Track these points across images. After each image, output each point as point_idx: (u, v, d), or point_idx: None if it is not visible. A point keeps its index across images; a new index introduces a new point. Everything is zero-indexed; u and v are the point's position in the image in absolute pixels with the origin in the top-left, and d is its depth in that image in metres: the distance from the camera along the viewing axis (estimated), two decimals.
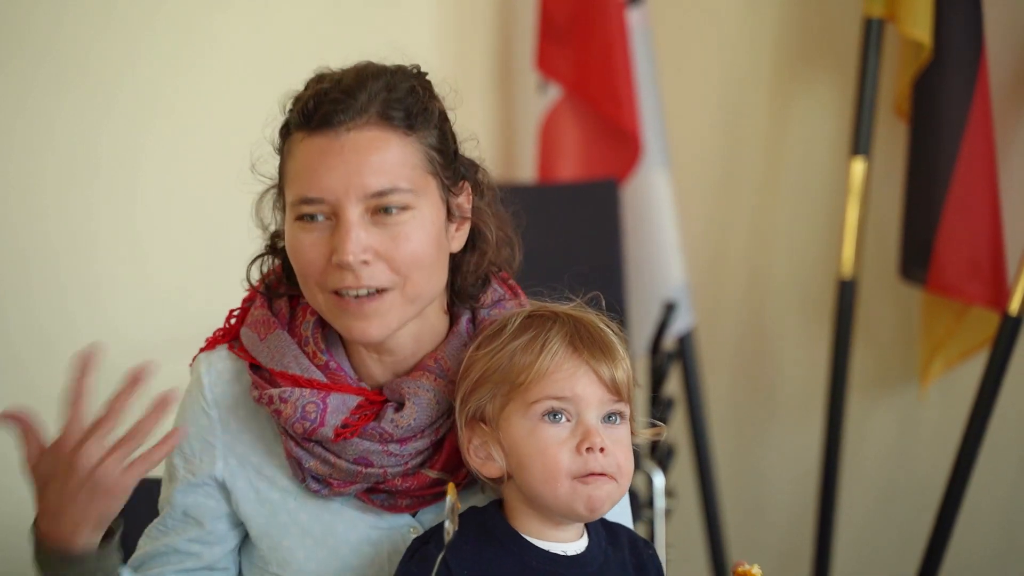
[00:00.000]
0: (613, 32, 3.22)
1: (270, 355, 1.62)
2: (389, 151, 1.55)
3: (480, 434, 1.55)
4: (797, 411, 3.40)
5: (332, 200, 1.54)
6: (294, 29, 3.02)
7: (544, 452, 1.51)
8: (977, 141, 2.87)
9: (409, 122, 1.56)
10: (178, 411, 1.68)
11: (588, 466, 1.50)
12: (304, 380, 1.60)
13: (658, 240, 3.27)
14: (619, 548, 1.60)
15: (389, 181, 1.54)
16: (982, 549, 3.13)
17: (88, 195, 2.70)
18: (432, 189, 1.58)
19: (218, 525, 1.65)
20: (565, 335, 1.54)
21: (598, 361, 1.53)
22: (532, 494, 1.53)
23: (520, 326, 1.57)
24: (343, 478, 1.58)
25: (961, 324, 3.01)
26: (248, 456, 1.64)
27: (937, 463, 3.04)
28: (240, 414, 1.65)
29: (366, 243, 1.53)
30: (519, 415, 1.53)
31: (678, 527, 3.24)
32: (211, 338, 1.70)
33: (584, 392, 1.52)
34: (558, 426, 1.52)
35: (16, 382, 2.62)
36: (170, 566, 1.65)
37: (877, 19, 3.02)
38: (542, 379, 1.52)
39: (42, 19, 2.61)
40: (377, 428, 1.57)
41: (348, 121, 1.54)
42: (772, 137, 3.41)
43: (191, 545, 1.65)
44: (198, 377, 1.67)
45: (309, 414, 1.57)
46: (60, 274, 2.66)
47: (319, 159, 1.55)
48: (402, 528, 1.62)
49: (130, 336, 2.76)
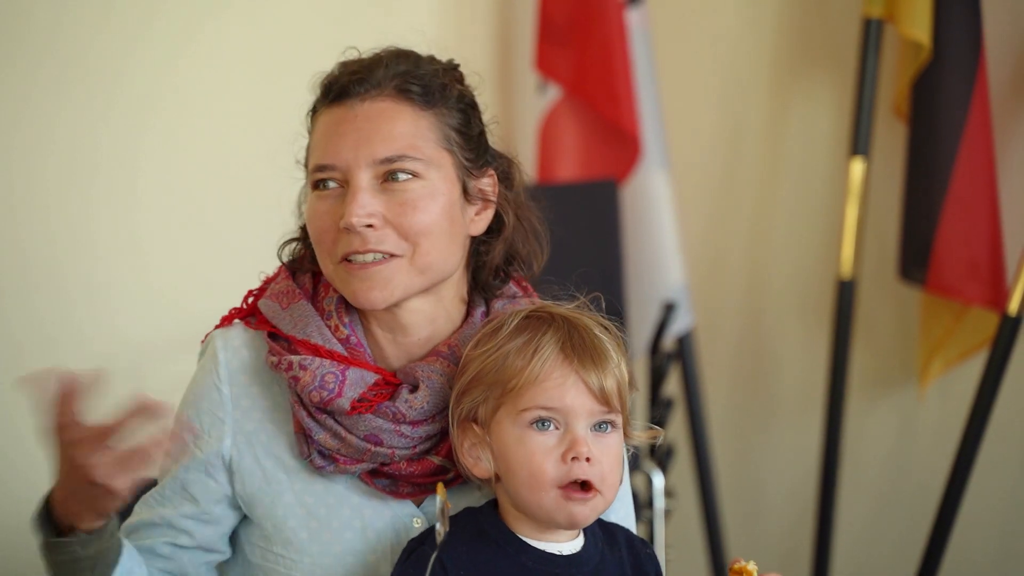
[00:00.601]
0: (612, 33, 3.22)
1: (292, 323, 1.64)
2: (401, 121, 1.59)
3: (472, 435, 1.56)
4: (796, 411, 3.40)
5: (343, 166, 1.58)
6: (293, 30, 3.02)
7: (530, 460, 1.52)
8: (976, 141, 2.87)
9: (426, 98, 1.60)
10: (190, 386, 1.68)
11: (572, 473, 1.51)
12: (325, 351, 1.61)
13: (657, 241, 3.27)
14: (616, 548, 1.60)
15: (398, 148, 1.57)
16: (982, 548, 3.14)
17: (88, 195, 2.70)
18: (446, 164, 1.61)
19: (215, 508, 1.65)
20: (558, 341, 1.55)
21: (588, 371, 1.53)
22: (517, 499, 1.54)
23: (516, 327, 1.57)
24: (351, 455, 1.59)
25: (960, 324, 3.01)
26: (257, 434, 1.64)
27: (936, 463, 3.04)
28: (253, 391, 1.65)
29: (372, 208, 1.56)
30: (509, 421, 1.54)
31: (677, 527, 3.24)
32: (227, 315, 1.71)
33: (573, 403, 1.53)
34: (546, 434, 1.53)
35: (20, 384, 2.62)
36: (162, 539, 1.65)
37: (876, 19, 3.03)
38: (532, 386, 1.53)
39: (42, 19, 2.62)
40: (391, 407, 1.58)
41: (364, 92, 1.59)
42: (771, 137, 3.41)
43: (185, 521, 1.65)
44: (213, 353, 1.66)
45: (328, 383, 1.58)
46: (60, 273, 2.66)
47: (334, 128, 1.60)
48: (405, 517, 1.63)
49: (130, 336, 2.76)
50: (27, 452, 2.65)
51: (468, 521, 1.56)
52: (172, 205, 2.84)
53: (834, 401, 3.13)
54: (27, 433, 2.67)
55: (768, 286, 3.45)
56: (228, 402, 1.65)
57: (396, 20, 3.26)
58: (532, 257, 1.72)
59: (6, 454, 2.61)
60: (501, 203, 1.68)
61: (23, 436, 2.64)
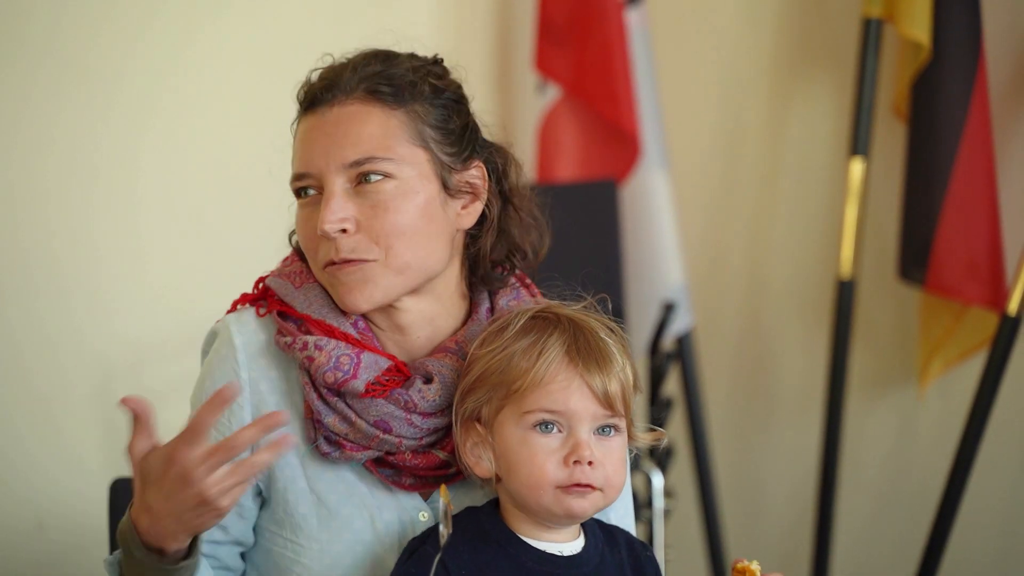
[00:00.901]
0: (612, 32, 3.23)
1: (307, 302, 1.63)
2: (369, 123, 1.59)
3: (475, 435, 1.57)
4: (796, 411, 3.40)
5: (316, 173, 1.59)
6: (292, 29, 3.03)
7: (532, 461, 1.52)
8: (976, 141, 2.87)
9: (396, 97, 1.60)
10: (204, 376, 1.66)
11: (574, 477, 1.52)
12: (340, 332, 1.61)
13: (657, 240, 3.27)
14: (616, 550, 1.61)
15: (365, 151, 1.58)
16: (982, 548, 3.14)
17: (88, 195, 2.70)
18: (421, 161, 1.61)
19: (247, 500, 1.64)
20: (563, 343, 1.55)
21: (592, 374, 1.53)
22: (517, 498, 1.54)
23: (522, 328, 1.57)
24: (358, 440, 1.59)
25: (960, 324, 3.01)
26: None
27: (936, 463, 3.04)
28: (272, 375, 1.64)
29: (344, 213, 1.57)
30: (512, 422, 1.54)
31: (677, 527, 3.24)
32: (236, 300, 1.70)
33: (576, 407, 1.53)
34: (549, 436, 1.53)
35: (18, 381, 2.62)
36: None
37: (876, 19, 3.02)
38: (537, 389, 1.53)
39: (42, 19, 2.62)
40: (404, 395, 1.58)
41: (333, 99, 1.60)
42: (771, 137, 3.41)
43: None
44: (228, 338, 1.65)
45: (343, 365, 1.58)
46: (60, 274, 2.67)
47: (307, 136, 1.61)
48: (412, 510, 1.63)
49: (130, 336, 2.76)
50: (26, 452, 2.66)
51: (469, 521, 1.56)
52: (172, 205, 2.84)
53: (834, 401, 3.13)
54: (26, 433, 2.68)
55: (768, 286, 3.45)
56: (247, 387, 1.63)
57: (395, 20, 3.26)
58: (532, 247, 1.72)
59: (5, 454, 2.61)
60: (497, 197, 1.68)
61: (22, 436, 2.65)
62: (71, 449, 2.68)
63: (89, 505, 2.53)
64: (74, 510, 2.62)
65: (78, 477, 2.65)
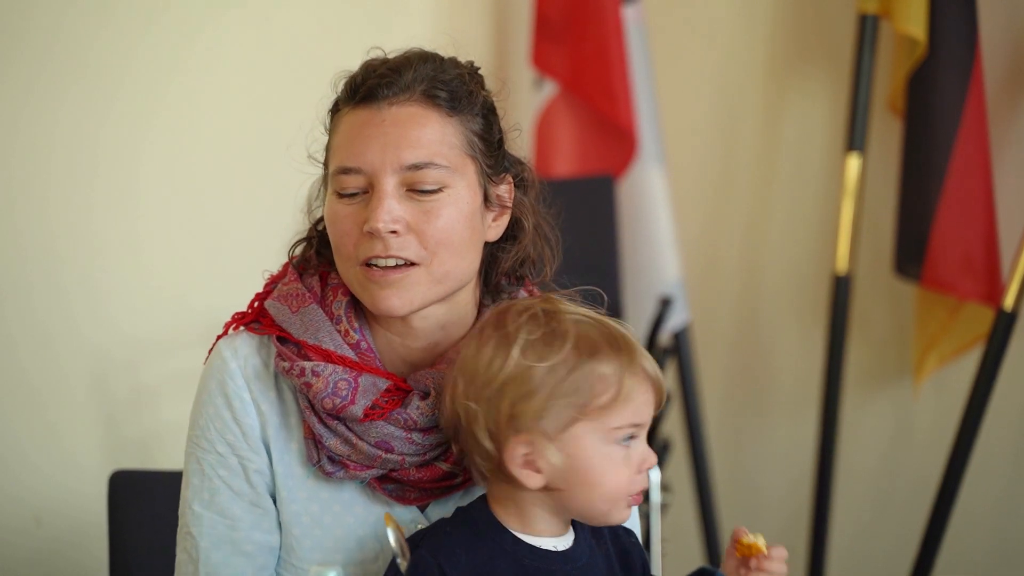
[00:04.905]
0: (608, 29, 3.23)
1: (303, 327, 1.63)
2: (429, 127, 1.58)
3: (532, 446, 1.51)
4: (792, 406, 3.41)
5: (369, 171, 1.57)
6: (292, 30, 3.03)
7: (617, 473, 1.53)
8: (971, 137, 2.87)
9: (453, 104, 1.60)
10: (203, 405, 1.65)
11: (642, 484, 1.55)
12: (337, 356, 1.61)
13: (653, 236, 3.28)
14: (602, 541, 1.62)
15: (426, 155, 1.57)
16: (977, 543, 3.14)
17: (88, 195, 2.70)
18: (470, 172, 1.61)
19: (267, 503, 1.64)
20: (636, 360, 1.54)
21: (661, 385, 1.57)
22: (582, 507, 1.54)
23: (582, 340, 1.53)
24: (361, 461, 1.59)
25: (956, 320, 3.01)
26: (270, 442, 1.64)
27: (931, 458, 3.05)
28: (270, 396, 1.64)
29: (397, 214, 1.56)
30: (594, 435, 1.52)
31: (674, 522, 3.25)
32: (229, 322, 1.69)
33: (649, 417, 1.56)
34: (626, 448, 1.54)
35: (15, 376, 2.63)
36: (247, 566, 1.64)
37: (872, 15, 3.03)
38: (627, 405, 1.53)
39: (42, 19, 2.62)
40: (403, 414, 1.58)
41: (392, 96, 1.58)
42: (767, 133, 3.42)
43: (263, 536, 1.64)
44: (223, 363, 1.64)
45: (341, 391, 1.58)
46: (60, 273, 2.67)
47: (360, 130, 1.59)
48: (408, 524, 1.63)
49: (127, 331, 2.76)
50: (23, 447, 2.66)
51: (462, 521, 1.56)
52: (172, 204, 2.84)
53: (830, 396, 3.14)
54: (23, 429, 2.68)
55: (764, 281, 3.46)
56: (250, 407, 1.63)
57: (394, 16, 3.27)
58: (543, 261, 1.71)
59: (2, 450, 2.61)
60: (520, 209, 1.68)
61: (19, 432, 2.65)
62: (68, 444, 2.68)
63: (86, 500, 2.54)
64: (71, 505, 2.62)
65: (75, 472, 2.65)
